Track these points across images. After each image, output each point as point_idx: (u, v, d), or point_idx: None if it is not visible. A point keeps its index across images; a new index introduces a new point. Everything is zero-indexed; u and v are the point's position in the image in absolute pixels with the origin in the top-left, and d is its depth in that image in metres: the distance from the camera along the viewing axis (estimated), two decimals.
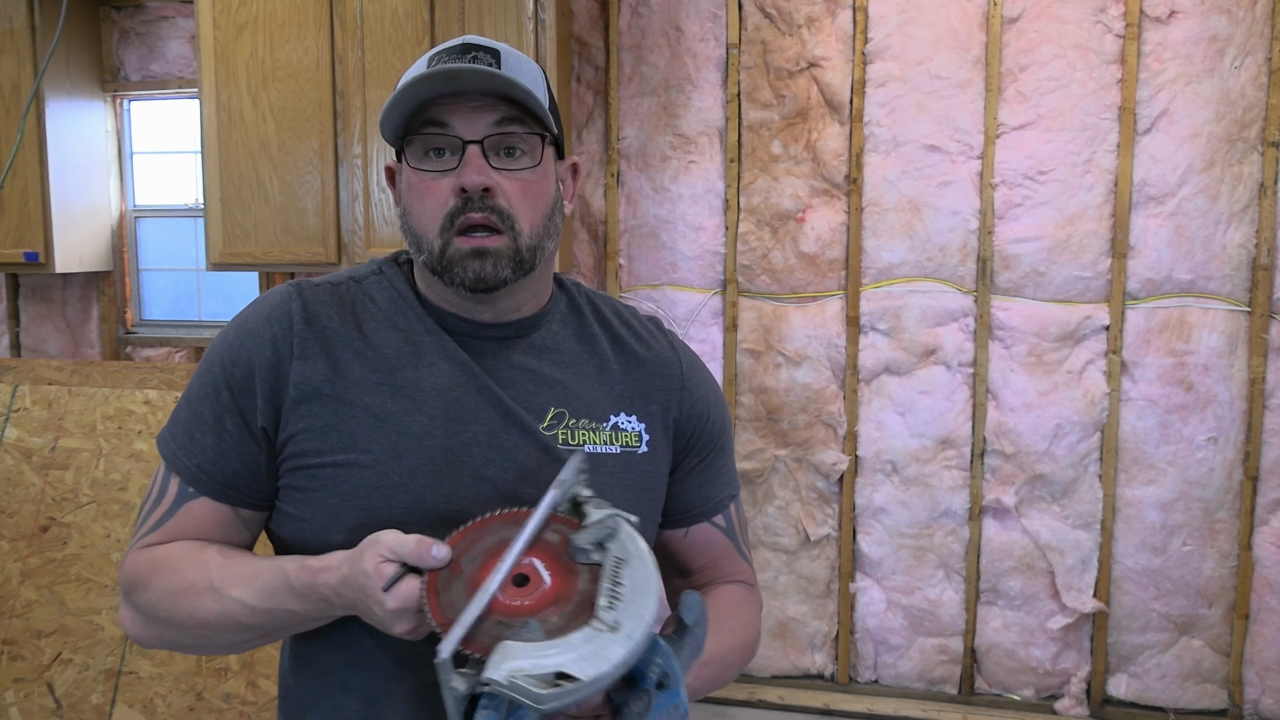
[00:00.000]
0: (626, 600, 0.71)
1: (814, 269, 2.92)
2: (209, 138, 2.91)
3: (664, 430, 0.98)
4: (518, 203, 0.89)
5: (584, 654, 0.67)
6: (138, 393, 2.81)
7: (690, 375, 1.02)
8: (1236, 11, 2.60)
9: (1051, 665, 2.85)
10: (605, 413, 0.95)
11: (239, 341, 0.92)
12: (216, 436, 0.90)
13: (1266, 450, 2.68)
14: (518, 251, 0.90)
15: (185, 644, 0.91)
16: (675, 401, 0.99)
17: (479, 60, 0.87)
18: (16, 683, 2.61)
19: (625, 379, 0.98)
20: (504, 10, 2.67)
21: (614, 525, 0.77)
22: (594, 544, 0.76)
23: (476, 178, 0.87)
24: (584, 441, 0.94)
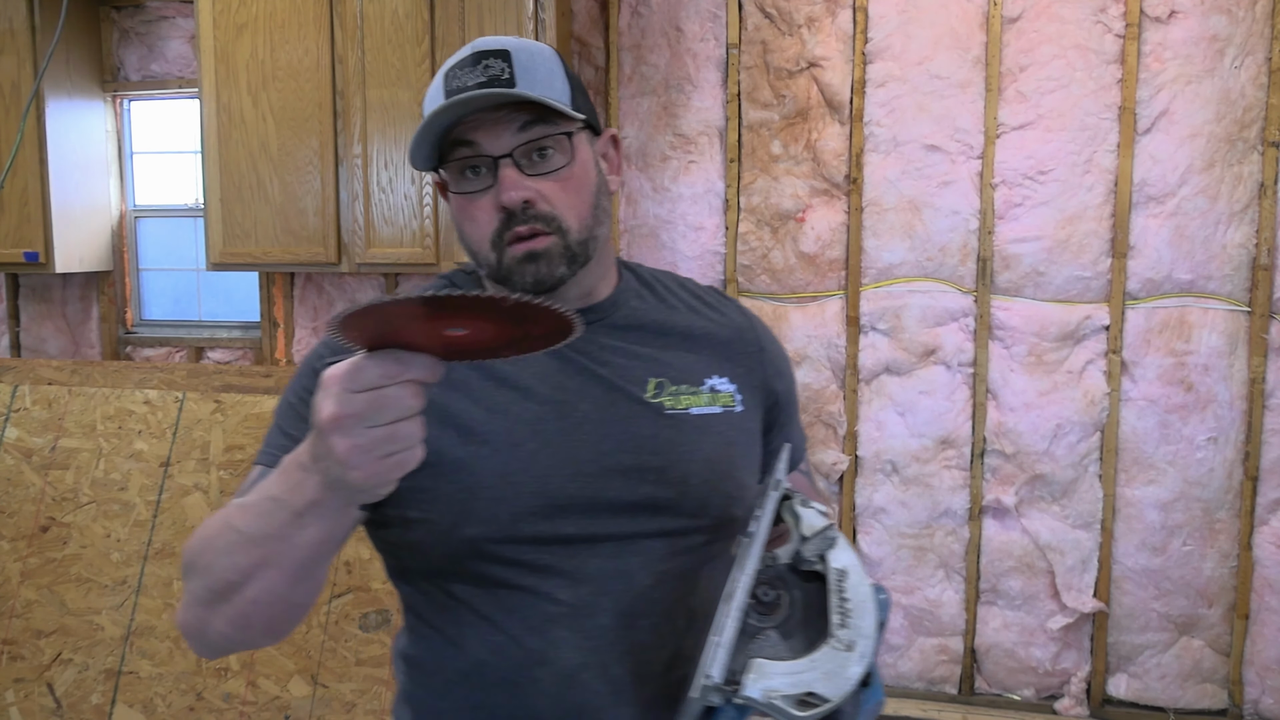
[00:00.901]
0: (854, 616, 0.74)
1: (814, 269, 2.92)
2: (209, 138, 2.91)
3: (751, 391, 1.01)
4: (560, 202, 0.91)
5: (827, 672, 0.71)
6: (138, 393, 2.81)
7: (765, 337, 1.06)
8: (1236, 11, 2.60)
9: (1051, 665, 2.85)
10: (700, 377, 0.97)
11: (330, 348, 0.95)
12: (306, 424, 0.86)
13: (1266, 450, 2.68)
14: (568, 248, 0.91)
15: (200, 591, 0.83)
16: (758, 364, 1.02)
17: (490, 69, 0.88)
18: (16, 683, 2.61)
19: (709, 346, 1.00)
20: (504, 10, 2.67)
21: (834, 536, 0.79)
22: (817, 555, 0.78)
23: (513, 195, 0.88)
24: (689, 405, 0.95)
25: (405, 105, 2.77)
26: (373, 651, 2.47)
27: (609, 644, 0.89)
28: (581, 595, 0.89)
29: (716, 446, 0.95)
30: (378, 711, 2.42)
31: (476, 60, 0.89)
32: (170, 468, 2.73)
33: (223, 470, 2.69)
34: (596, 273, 0.97)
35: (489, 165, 0.90)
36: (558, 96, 0.90)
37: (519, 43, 0.91)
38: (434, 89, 0.92)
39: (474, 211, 0.91)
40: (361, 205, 2.83)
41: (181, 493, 2.70)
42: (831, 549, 0.79)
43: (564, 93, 0.91)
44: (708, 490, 0.93)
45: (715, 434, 0.95)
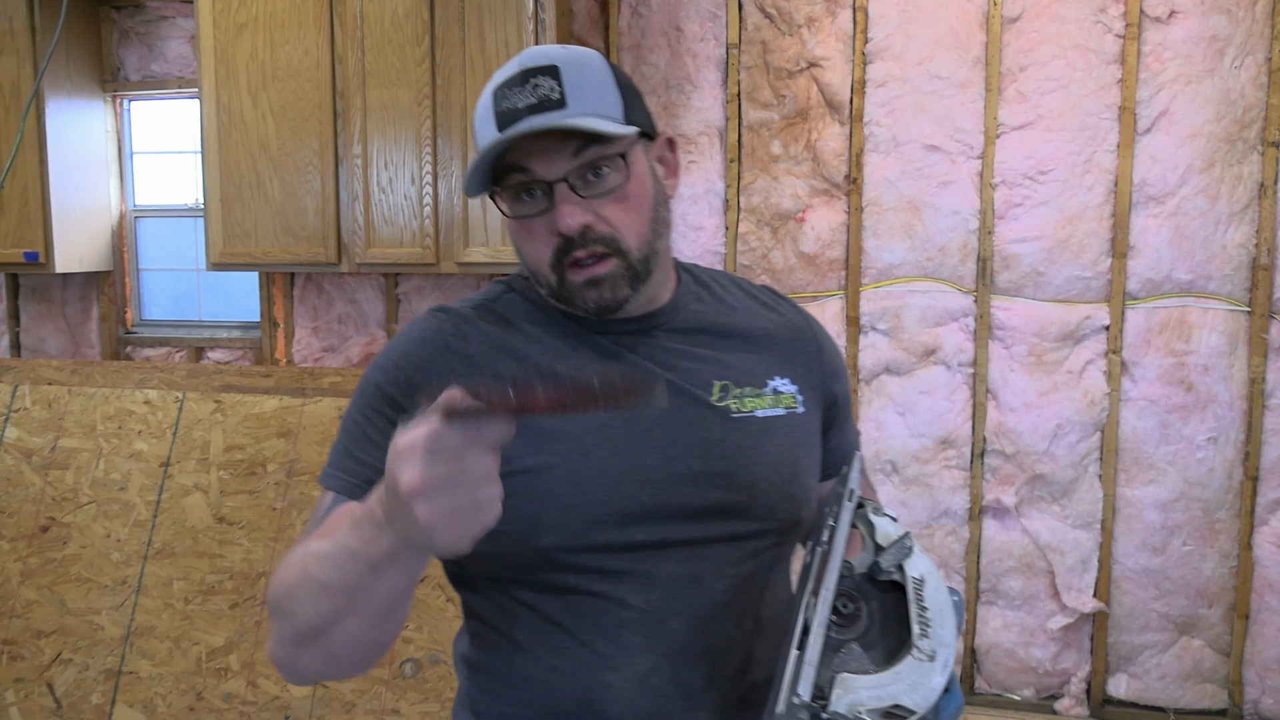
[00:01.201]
0: (935, 625, 0.74)
1: (814, 269, 2.92)
2: (209, 138, 2.91)
3: (811, 392, 1.01)
4: (619, 222, 0.89)
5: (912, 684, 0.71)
6: (138, 393, 2.81)
7: (822, 337, 1.06)
8: (1236, 11, 2.60)
9: (1051, 665, 2.85)
10: (762, 378, 0.97)
11: (394, 363, 0.93)
12: (374, 446, 0.89)
13: (1266, 450, 2.68)
14: (630, 268, 0.90)
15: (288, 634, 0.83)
16: (816, 364, 1.02)
17: (540, 88, 0.86)
18: (16, 683, 2.61)
19: (770, 347, 1.00)
20: (504, 10, 2.67)
21: (910, 544, 0.79)
22: (895, 565, 0.78)
23: (571, 222, 0.87)
24: (754, 408, 0.95)
25: (405, 105, 2.77)
26: None
27: (681, 648, 0.89)
28: (653, 600, 0.89)
29: (782, 449, 0.95)
30: (377, 711, 2.42)
31: (525, 78, 0.87)
32: (170, 468, 2.73)
33: (223, 470, 2.69)
34: (657, 280, 0.96)
35: (544, 189, 0.88)
36: (609, 111, 0.88)
37: (567, 55, 0.89)
38: (483, 107, 0.90)
39: (531, 234, 0.90)
40: (361, 205, 2.83)
41: (181, 493, 2.70)
42: (908, 558, 0.78)
43: (616, 106, 0.90)
44: (775, 494, 0.93)
45: (780, 436, 0.96)
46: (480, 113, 0.91)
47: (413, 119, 2.77)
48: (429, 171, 2.77)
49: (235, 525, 2.64)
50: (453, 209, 2.77)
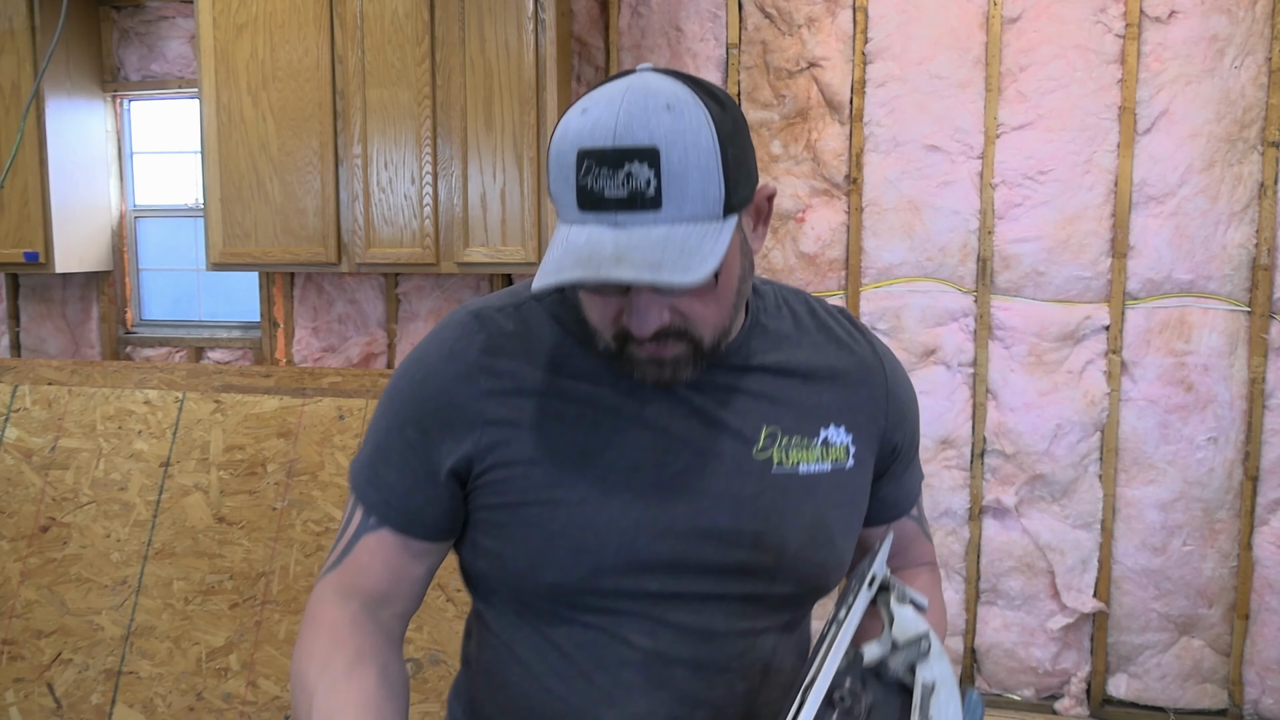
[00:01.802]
0: None
1: (814, 269, 2.92)
2: (209, 138, 2.91)
3: (868, 440, 0.94)
4: (697, 314, 0.81)
5: None
6: (138, 393, 2.81)
7: (894, 379, 0.97)
8: (1236, 11, 2.60)
9: (1051, 665, 2.85)
10: (815, 426, 0.90)
11: (422, 377, 0.89)
12: (401, 474, 0.88)
13: (1266, 450, 2.68)
14: (699, 353, 0.83)
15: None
16: (882, 412, 0.95)
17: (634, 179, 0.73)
18: (16, 683, 2.61)
19: (832, 388, 0.93)
20: (504, 10, 2.67)
21: (928, 646, 0.74)
22: (906, 668, 0.74)
23: (647, 328, 0.79)
24: (798, 462, 0.89)
25: (405, 105, 2.77)
26: None
27: (681, 695, 0.86)
28: (659, 644, 0.85)
29: (820, 510, 0.89)
30: None
31: (619, 160, 0.74)
32: (170, 468, 2.73)
33: (223, 470, 2.69)
34: None
35: None
36: (710, 207, 0.75)
37: (672, 126, 0.74)
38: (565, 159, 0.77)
39: (597, 305, 0.82)
40: (361, 205, 2.83)
41: (181, 493, 2.70)
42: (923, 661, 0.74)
43: (717, 199, 0.76)
44: (804, 559, 0.88)
45: (821, 496, 0.90)
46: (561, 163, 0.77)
47: (413, 119, 2.77)
48: (429, 171, 2.77)
49: (235, 525, 2.64)
50: (452, 209, 2.77)
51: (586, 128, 0.76)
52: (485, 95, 2.71)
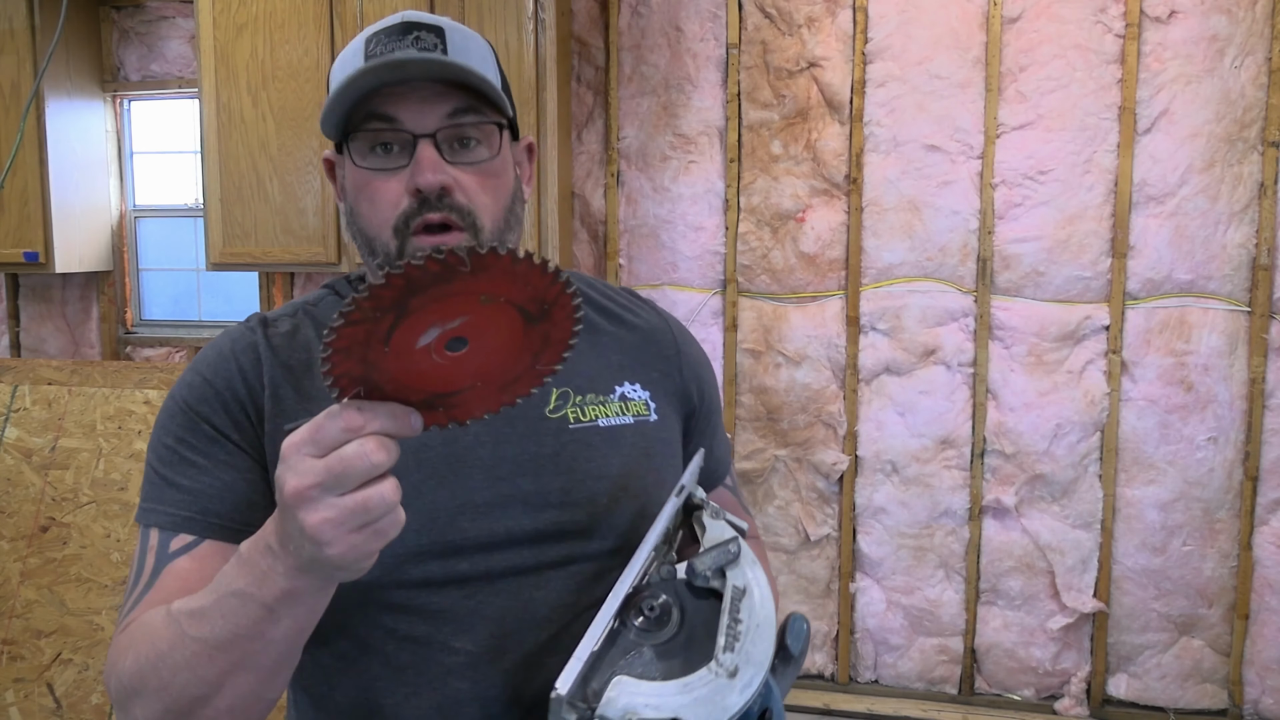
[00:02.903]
0: (745, 640, 0.67)
1: (814, 269, 2.92)
2: (209, 138, 2.91)
3: (668, 397, 0.94)
4: (477, 197, 0.82)
5: (700, 698, 0.63)
6: (138, 393, 2.81)
7: (683, 339, 1.00)
8: (1236, 11, 2.60)
9: (1051, 665, 2.85)
10: (609, 384, 0.90)
11: (205, 378, 0.84)
12: (204, 472, 0.81)
13: (1266, 450, 2.68)
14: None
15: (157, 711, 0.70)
16: (675, 368, 0.96)
17: (422, 42, 0.80)
18: (16, 683, 2.61)
19: (622, 350, 0.94)
20: (504, 10, 2.67)
21: (736, 550, 0.72)
22: (715, 570, 0.71)
23: (433, 177, 0.79)
24: (596, 417, 0.88)
25: None
26: None
27: (515, 693, 0.80)
28: (480, 641, 0.80)
29: (629, 460, 0.86)
30: None
31: (406, 30, 0.81)
32: None
33: None
34: None
35: (405, 144, 0.81)
36: (492, 78, 0.83)
37: (453, 24, 0.84)
38: (350, 54, 0.83)
39: (379, 191, 0.81)
40: None
41: None
42: (732, 565, 0.71)
43: (497, 80, 0.84)
44: (618, 509, 0.85)
45: (627, 446, 0.87)
46: (345, 60, 0.83)
47: None
48: None
49: None
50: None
51: (371, 28, 0.83)
52: None
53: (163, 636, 0.69)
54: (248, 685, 0.68)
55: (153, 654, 0.70)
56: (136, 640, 0.72)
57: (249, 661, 0.67)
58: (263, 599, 0.64)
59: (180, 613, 0.69)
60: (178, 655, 0.68)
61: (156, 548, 0.79)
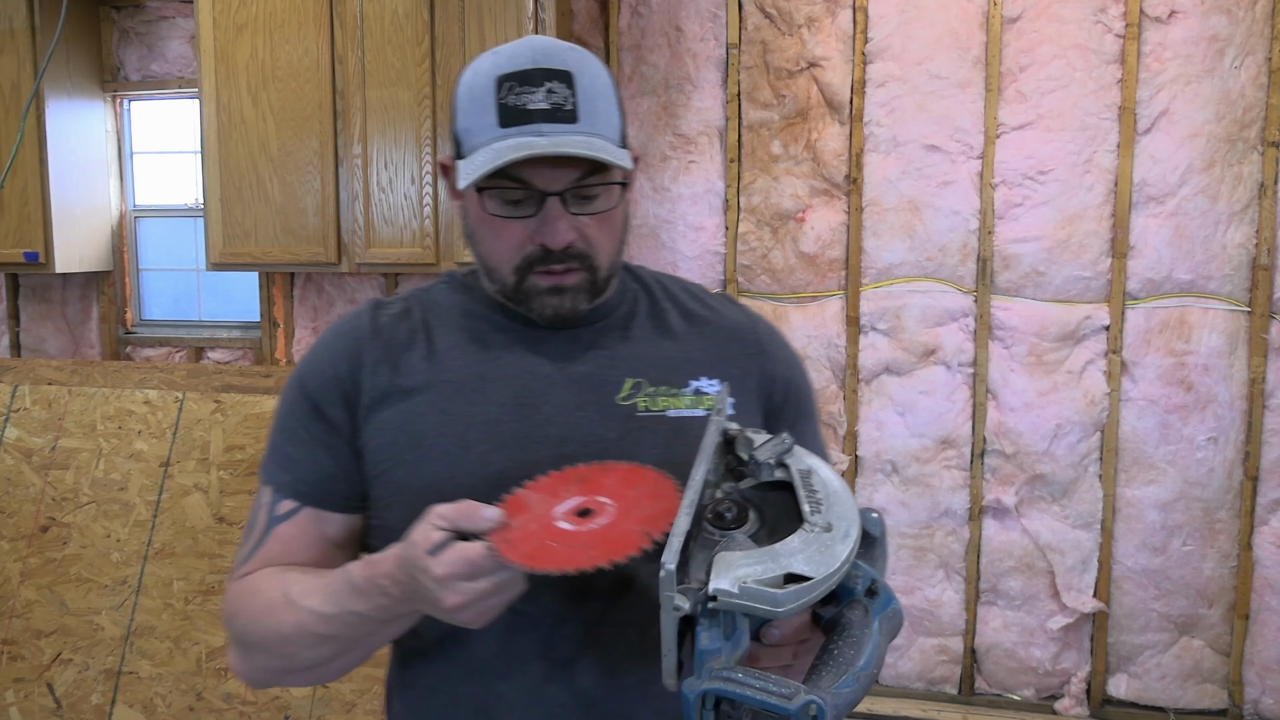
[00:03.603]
0: (828, 504, 0.68)
1: (814, 269, 2.92)
2: (209, 138, 2.91)
3: (747, 394, 0.96)
4: (596, 240, 0.89)
5: (809, 555, 0.64)
6: (138, 393, 2.81)
7: (768, 338, 1.01)
8: (1236, 11, 2.60)
9: (1051, 665, 2.85)
10: (684, 378, 0.94)
11: (316, 358, 0.95)
12: (305, 444, 0.92)
13: (1266, 450, 2.68)
14: (594, 283, 0.90)
15: (277, 667, 0.90)
16: (755, 365, 0.98)
17: (554, 94, 0.83)
18: (16, 683, 2.61)
19: (701, 345, 0.97)
20: (504, 10, 2.67)
21: (788, 441, 0.74)
22: (775, 460, 0.73)
23: (561, 238, 0.86)
24: (665, 407, 0.91)
25: (405, 105, 2.77)
26: None
27: (573, 654, 0.87)
28: (542, 605, 0.85)
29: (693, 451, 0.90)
30: (377, 711, 2.42)
31: (538, 79, 0.84)
32: (170, 468, 2.73)
33: (223, 470, 2.69)
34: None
35: (534, 197, 0.86)
36: (613, 133, 0.87)
37: (580, 60, 0.86)
38: (481, 90, 0.86)
39: (504, 232, 0.88)
40: (361, 205, 2.83)
41: (181, 493, 2.70)
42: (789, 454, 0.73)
43: (617, 128, 0.88)
44: None
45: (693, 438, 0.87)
46: (476, 93, 0.87)
47: (413, 119, 2.77)
48: (429, 171, 2.77)
49: (235, 525, 2.64)
50: (452, 209, 2.77)
51: (502, 61, 0.86)
52: None
53: (286, 621, 0.85)
54: (357, 660, 0.87)
55: (275, 631, 0.86)
56: (256, 604, 0.88)
57: (360, 648, 0.86)
58: (379, 619, 0.81)
59: (304, 609, 0.84)
60: (300, 639, 0.85)
61: (268, 506, 0.93)
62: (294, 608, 0.84)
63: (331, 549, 0.93)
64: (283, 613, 0.85)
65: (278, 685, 0.93)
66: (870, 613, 0.66)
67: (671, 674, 0.63)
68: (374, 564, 0.80)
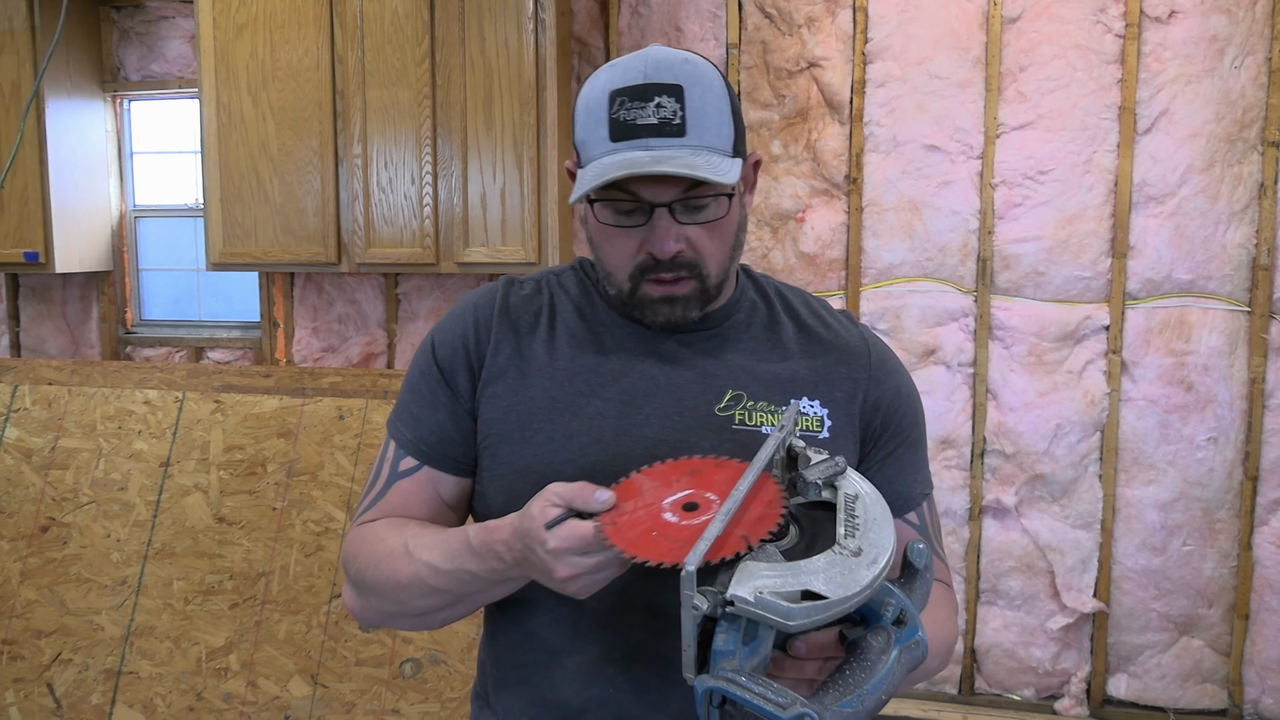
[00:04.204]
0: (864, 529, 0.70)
1: (814, 269, 2.92)
2: (209, 138, 2.91)
3: (849, 418, 0.97)
4: (705, 249, 0.91)
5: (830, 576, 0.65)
6: (137, 393, 2.81)
7: (880, 365, 1.01)
8: (1236, 11, 2.60)
9: (1051, 665, 2.85)
10: (786, 396, 0.95)
11: (449, 325, 1.01)
12: (429, 407, 0.98)
13: (1266, 450, 2.68)
14: (705, 292, 0.92)
15: (388, 610, 0.94)
16: (862, 390, 0.98)
17: (663, 109, 0.86)
18: (16, 683, 2.61)
19: (809, 364, 0.98)
20: (504, 10, 2.67)
21: (842, 465, 0.76)
22: (823, 481, 0.75)
23: (668, 248, 0.89)
24: (761, 423, 0.93)
25: (405, 105, 2.77)
26: (373, 651, 2.47)
27: (636, 645, 0.91)
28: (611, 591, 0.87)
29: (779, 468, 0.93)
30: (378, 711, 2.42)
31: (648, 94, 0.86)
32: (170, 468, 2.73)
33: (223, 470, 2.69)
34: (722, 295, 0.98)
35: (644, 207, 0.89)
36: (723, 144, 0.88)
37: (692, 73, 0.88)
38: (595, 104, 0.89)
39: (617, 242, 0.92)
40: (361, 205, 2.83)
41: (181, 493, 2.70)
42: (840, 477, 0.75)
43: (729, 138, 0.89)
44: None
45: None
46: (590, 106, 0.90)
47: (413, 119, 2.77)
48: (429, 171, 2.77)
49: (235, 525, 2.64)
50: (452, 209, 2.77)
51: (617, 75, 0.89)
52: (485, 95, 2.71)
53: (403, 571, 0.90)
54: (461, 613, 0.93)
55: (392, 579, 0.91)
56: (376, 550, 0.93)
57: (466, 604, 0.91)
58: (491, 580, 0.85)
59: (421, 561, 0.89)
60: (414, 589, 0.90)
61: (391, 461, 0.99)
62: (412, 559, 0.89)
63: (444, 508, 0.99)
64: (401, 562, 0.90)
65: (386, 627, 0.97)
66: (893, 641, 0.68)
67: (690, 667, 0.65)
68: (491, 530, 0.83)
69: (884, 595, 0.68)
